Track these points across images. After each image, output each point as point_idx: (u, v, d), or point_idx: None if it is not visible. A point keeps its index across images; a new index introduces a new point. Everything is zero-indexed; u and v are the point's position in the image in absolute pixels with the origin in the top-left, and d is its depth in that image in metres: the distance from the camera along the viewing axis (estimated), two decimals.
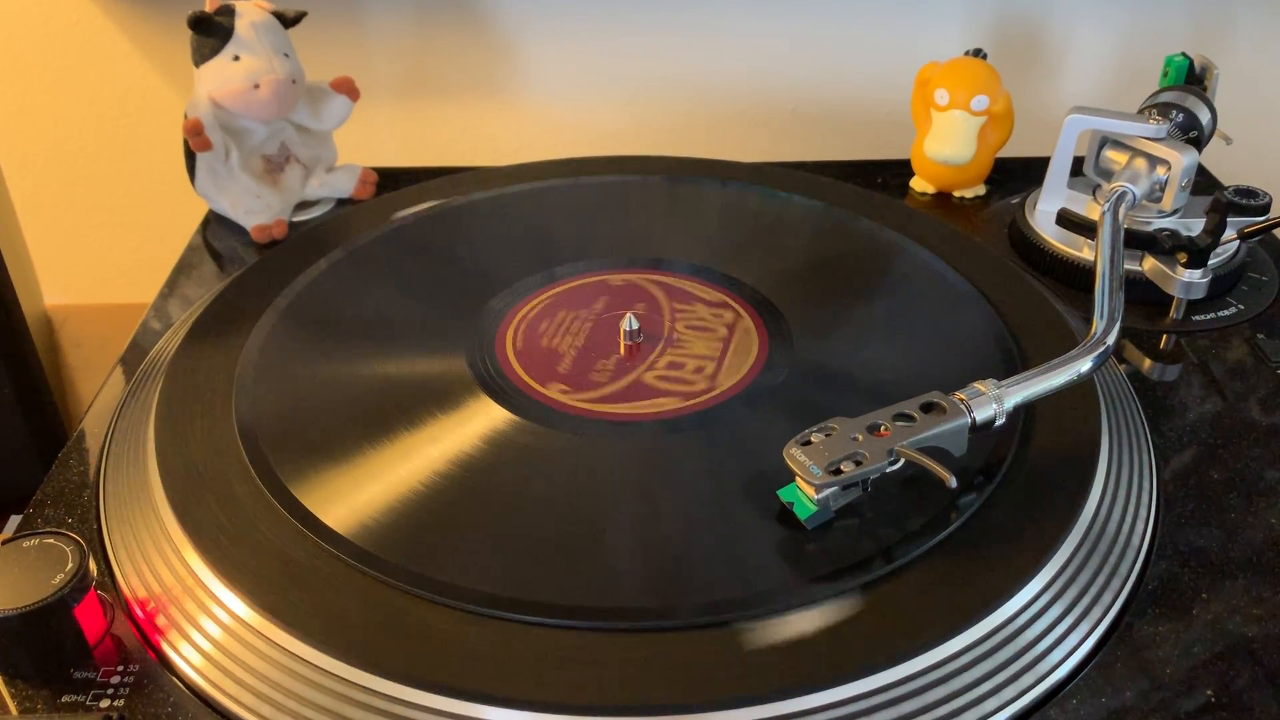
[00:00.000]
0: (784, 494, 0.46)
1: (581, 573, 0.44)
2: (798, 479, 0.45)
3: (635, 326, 0.58)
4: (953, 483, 0.43)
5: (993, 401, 0.47)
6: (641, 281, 0.63)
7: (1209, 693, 0.42)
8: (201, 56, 0.70)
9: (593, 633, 0.42)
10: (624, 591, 0.44)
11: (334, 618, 0.42)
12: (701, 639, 0.41)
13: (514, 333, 0.59)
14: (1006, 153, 0.78)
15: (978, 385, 0.48)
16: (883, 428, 0.46)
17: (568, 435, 0.52)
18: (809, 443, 0.45)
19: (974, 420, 0.46)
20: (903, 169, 0.80)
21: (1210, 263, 0.63)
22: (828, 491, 0.44)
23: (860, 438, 0.45)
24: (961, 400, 0.47)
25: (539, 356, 0.57)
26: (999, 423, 0.47)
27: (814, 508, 0.45)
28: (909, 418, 0.46)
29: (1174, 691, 0.42)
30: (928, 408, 0.47)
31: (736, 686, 0.40)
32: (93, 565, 0.43)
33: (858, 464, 0.44)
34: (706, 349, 0.57)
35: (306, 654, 0.41)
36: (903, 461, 0.45)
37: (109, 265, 0.99)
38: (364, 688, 0.40)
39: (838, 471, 0.44)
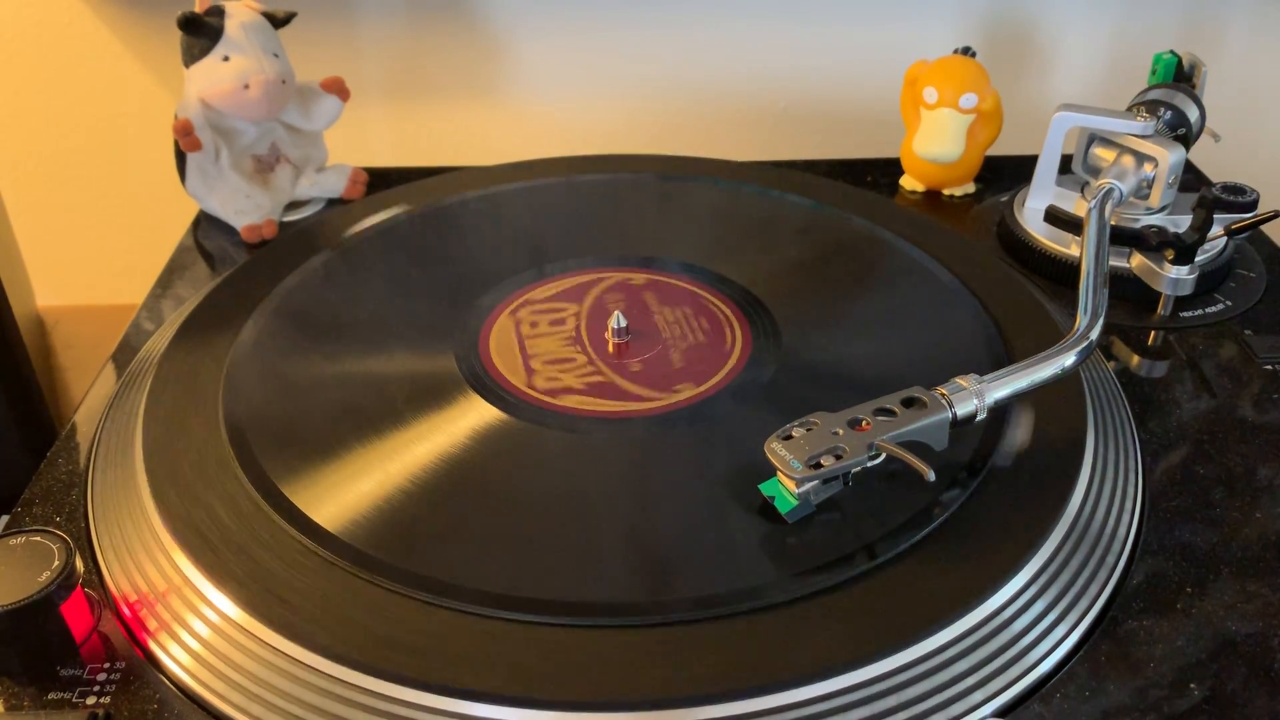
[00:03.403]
0: (765, 488, 0.46)
1: (568, 569, 0.45)
2: (779, 473, 0.45)
3: (623, 324, 0.58)
4: (931, 476, 0.43)
5: (974, 396, 0.47)
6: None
7: (1193, 686, 0.42)
8: (191, 57, 0.70)
9: (579, 629, 0.42)
10: (608, 587, 0.44)
11: (320, 615, 0.42)
12: (684, 634, 0.42)
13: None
14: (995, 151, 0.78)
15: (959, 380, 0.48)
16: (863, 422, 0.46)
17: (554, 432, 0.52)
18: (790, 437, 0.45)
19: (955, 415, 0.47)
20: (893, 167, 0.81)
21: (1198, 259, 0.63)
22: (808, 485, 0.45)
23: (841, 432, 0.45)
24: (943, 395, 0.47)
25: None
26: (980, 417, 0.47)
27: (795, 501, 0.45)
28: (890, 412, 0.46)
29: (1159, 686, 0.42)
30: (909, 402, 0.47)
31: (719, 682, 0.40)
32: (79, 563, 0.44)
33: (838, 458, 0.44)
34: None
35: (293, 652, 0.41)
36: (883, 456, 0.45)
37: (101, 266, 0.99)
38: (351, 685, 0.40)
39: (818, 465, 0.44)
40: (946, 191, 0.79)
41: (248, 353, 0.57)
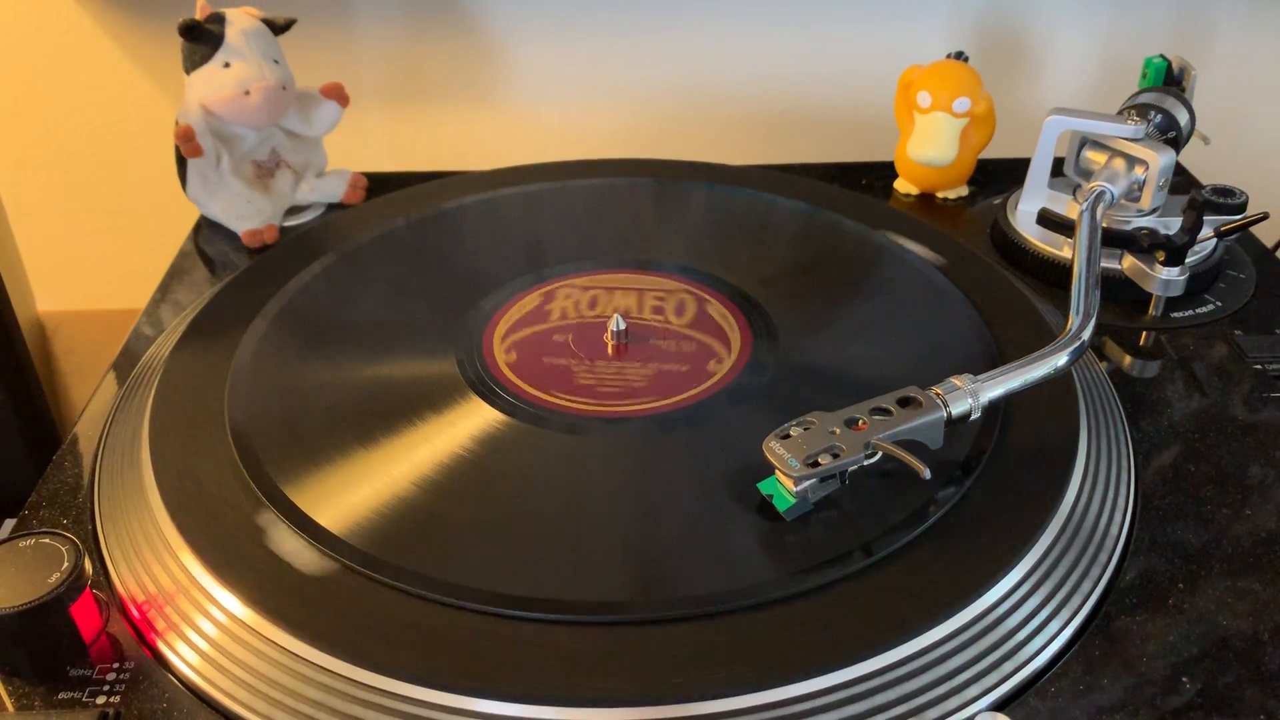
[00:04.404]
0: (764, 486, 0.47)
1: (570, 567, 0.45)
2: (777, 472, 0.46)
3: (622, 327, 0.58)
4: (926, 474, 0.44)
5: (968, 396, 0.48)
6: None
7: (1185, 681, 0.43)
8: (192, 64, 0.71)
9: (582, 626, 0.43)
10: (609, 585, 0.45)
11: (325, 614, 0.43)
12: (683, 631, 0.42)
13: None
14: (988, 154, 0.79)
15: (954, 380, 0.48)
16: (860, 421, 0.46)
17: (555, 434, 0.52)
18: (788, 436, 0.46)
19: (949, 414, 0.47)
20: (887, 171, 0.81)
21: (1188, 260, 0.64)
22: (806, 484, 0.45)
23: (837, 431, 0.46)
24: (937, 394, 0.48)
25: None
26: (974, 417, 0.48)
27: (793, 500, 0.46)
28: (885, 411, 0.47)
29: (1152, 681, 0.43)
30: (904, 402, 0.47)
31: (720, 676, 0.40)
32: (88, 564, 0.44)
33: (835, 456, 0.45)
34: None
35: (298, 649, 0.42)
36: (879, 454, 0.46)
37: (101, 271, 0.99)
38: (356, 682, 0.41)
39: (815, 464, 0.45)
40: (940, 194, 0.79)
41: (251, 357, 0.58)
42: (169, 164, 0.74)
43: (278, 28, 0.73)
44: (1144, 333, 0.64)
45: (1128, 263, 0.65)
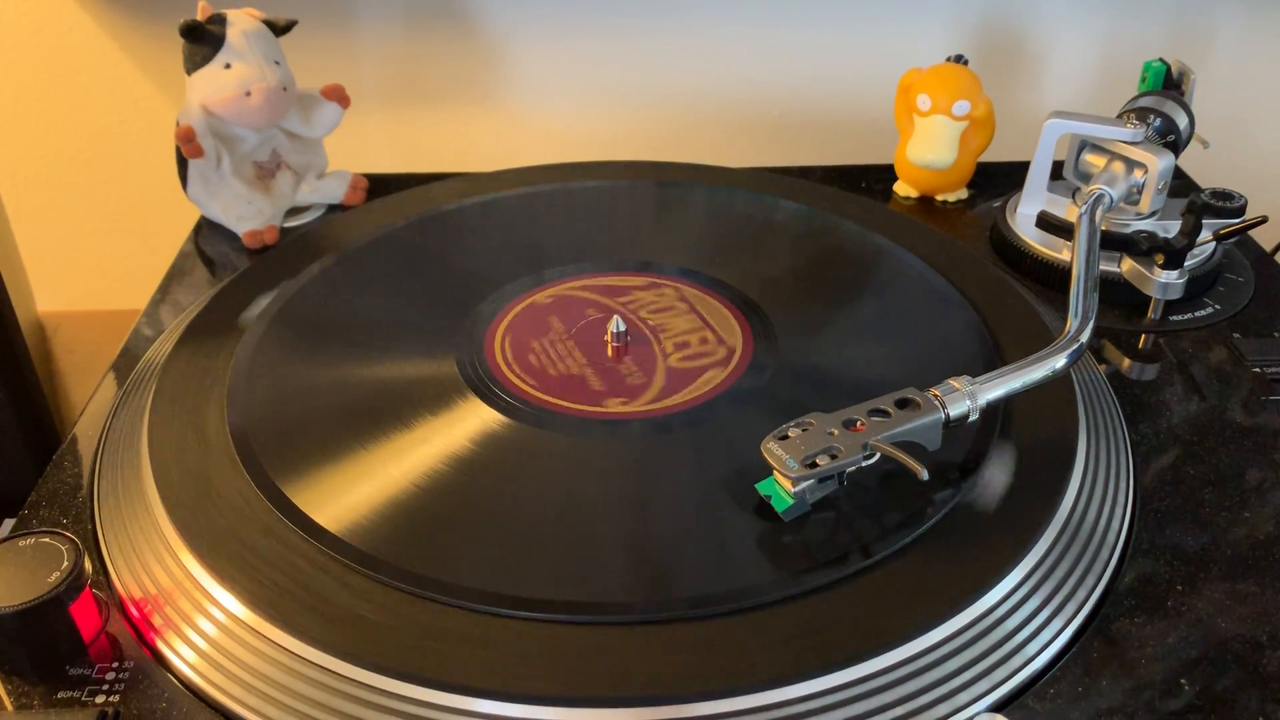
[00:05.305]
0: (762, 487, 0.47)
1: (569, 569, 0.45)
2: (775, 473, 0.46)
3: (622, 328, 0.58)
4: (924, 475, 0.44)
5: (966, 398, 0.48)
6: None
7: (1184, 684, 0.43)
8: (194, 64, 0.71)
9: (580, 626, 0.43)
10: (610, 586, 0.45)
11: (325, 614, 0.43)
12: (681, 632, 0.42)
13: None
14: (988, 157, 0.79)
15: (952, 382, 0.48)
16: (858, 422, 0.46)
17: (555, 435, 0.52)
18: (786, 437, 0.46)
19: (948, 415, 0.47)
20: (887, 174, 0.81)
21: (1187, 264, 0.64)
22: (804, 485, 0.45)
23: (836, 432, 0.46)
24: (936, 396, 0.48)
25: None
26: (973, 418, 0.48)
27: (791, 501, 0.46)
28: (884, 413, 0.47)
29: (1149, 681, 0.43)
30: (903, 403, 0.47)
31: (719, 678, 0.40)
32: (88, 564, 0.44)
33: (833, 458, 0.45)
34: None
35: (298, 649, 0.42)
36: (877, 455, 0.46)
37: (101, 272, 0.99)
38: (355, 682, 0.41)
39: (814, 465, 0.45)
40: (940, 197, 0.79)
41: (250, 357, 0.58)
42: (169, 165, 0.74)
43: (279, 29, 0.73)
44: (1143, 335, 0.64)
45: (1127, 266, 0.65)
